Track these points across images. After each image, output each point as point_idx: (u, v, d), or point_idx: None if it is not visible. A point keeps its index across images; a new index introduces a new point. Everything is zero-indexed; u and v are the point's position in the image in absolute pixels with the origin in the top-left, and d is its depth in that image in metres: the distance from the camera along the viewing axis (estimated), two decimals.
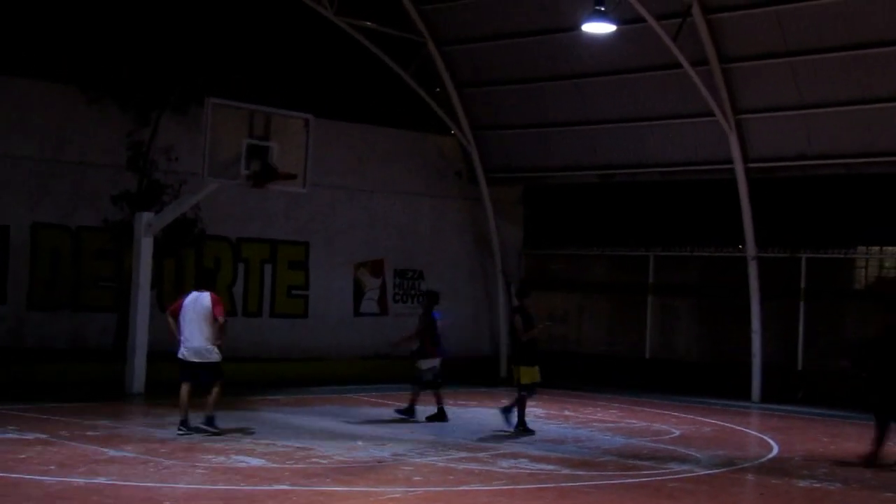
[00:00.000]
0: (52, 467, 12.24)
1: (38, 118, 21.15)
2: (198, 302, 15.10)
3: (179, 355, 15.14)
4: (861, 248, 23.73)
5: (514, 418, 16.66)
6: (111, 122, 21.36)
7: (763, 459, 15.32)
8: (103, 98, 21.05)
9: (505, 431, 16.49)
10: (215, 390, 15.08)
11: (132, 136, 21.18)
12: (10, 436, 13.91)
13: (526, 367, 16.66)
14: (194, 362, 15.06)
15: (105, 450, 13.49)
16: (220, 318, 15.08)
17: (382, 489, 11.89)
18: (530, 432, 16.43)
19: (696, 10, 21.61)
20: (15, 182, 20.93)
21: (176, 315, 15.22)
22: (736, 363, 23.84)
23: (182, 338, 15.06)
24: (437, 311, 18.15)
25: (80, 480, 11.62)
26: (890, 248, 23.73)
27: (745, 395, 23.07)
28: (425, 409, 17.67)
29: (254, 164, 18.43)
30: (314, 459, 13.52)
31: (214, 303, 15.09)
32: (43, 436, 14.29)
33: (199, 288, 15.46)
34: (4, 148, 20.73)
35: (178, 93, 21.07)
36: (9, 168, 20.81)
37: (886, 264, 23.92)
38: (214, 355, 15.12)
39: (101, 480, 11.68)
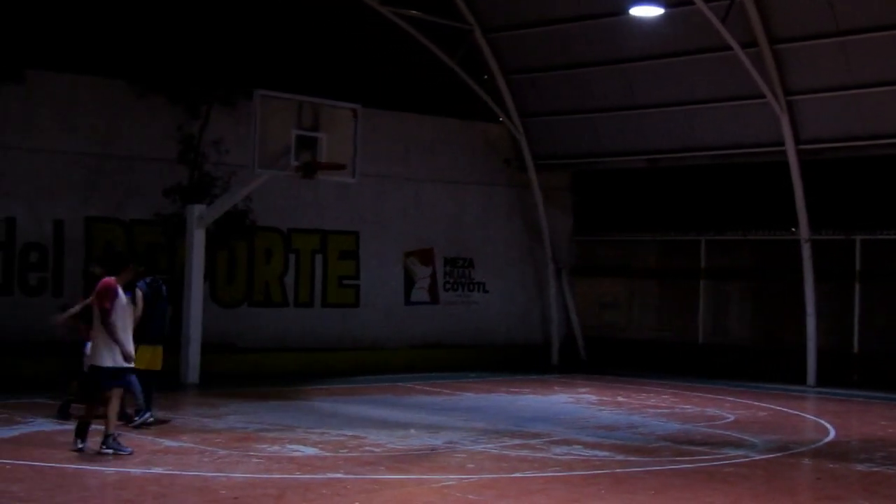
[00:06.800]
0: (110, 458, 12.37)
1: (88, 113, 21.31)
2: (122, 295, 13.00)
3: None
4: None
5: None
6: (160, 116, 21.50)
7: (819, 444, 15.17)
8: (152, 92, 21.20)
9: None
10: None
11: (183, 129, 21.34)
12: (69, 427, 14.04)
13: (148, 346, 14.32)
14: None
15: (161, 440, 13.62)
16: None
17: (436, 476, 11.91)
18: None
19: None
20: (67, 177, 21.13)
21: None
22: (790, 347, 23.64)
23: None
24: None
25: (137, 471, 11.74)
26: None
27: (800, 379, 22.86)
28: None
29: (303, 155, 18.50)
30: (367, 448, 13.56)
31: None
32: (100, 427, 14.42)
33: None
34: (56, 144, 20.93)
35: (226, 85, 21.17)
36: (61, 164, 21.02)
37: None
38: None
39: (158, 470, 11.80)
